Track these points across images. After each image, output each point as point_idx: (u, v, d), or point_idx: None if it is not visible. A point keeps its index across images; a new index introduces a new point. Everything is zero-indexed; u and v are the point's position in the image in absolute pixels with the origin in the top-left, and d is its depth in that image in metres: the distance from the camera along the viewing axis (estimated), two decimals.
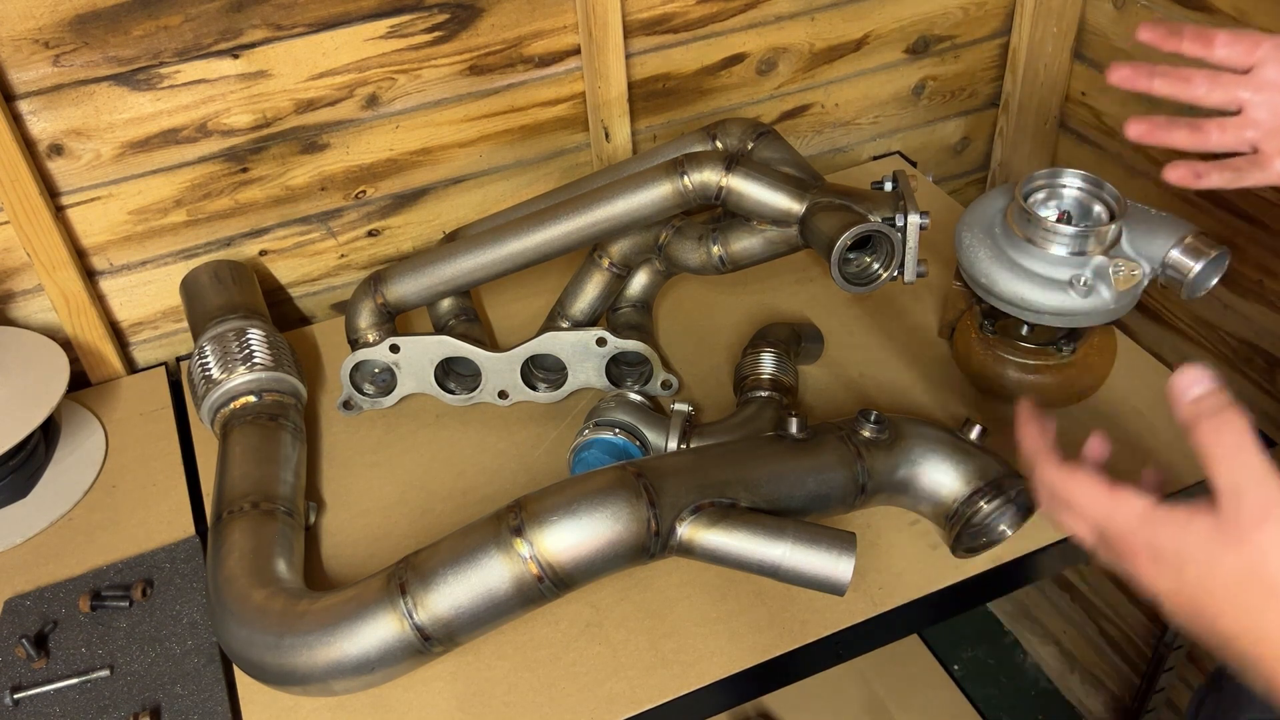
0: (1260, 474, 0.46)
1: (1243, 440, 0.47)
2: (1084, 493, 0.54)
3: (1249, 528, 0.46)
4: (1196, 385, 0.50)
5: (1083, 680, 1.62)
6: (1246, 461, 0.47)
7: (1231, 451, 0.47)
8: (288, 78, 1.05)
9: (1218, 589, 0.47)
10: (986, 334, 0.94)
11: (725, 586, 0.84)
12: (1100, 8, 1.25)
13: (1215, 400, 0.49)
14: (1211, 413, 0.49)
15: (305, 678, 0.72)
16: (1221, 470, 0.48)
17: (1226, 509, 0.47)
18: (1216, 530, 0.47)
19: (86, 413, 1.06)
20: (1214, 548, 0.47)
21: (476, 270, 0.94)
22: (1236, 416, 0.48)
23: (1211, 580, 0.48)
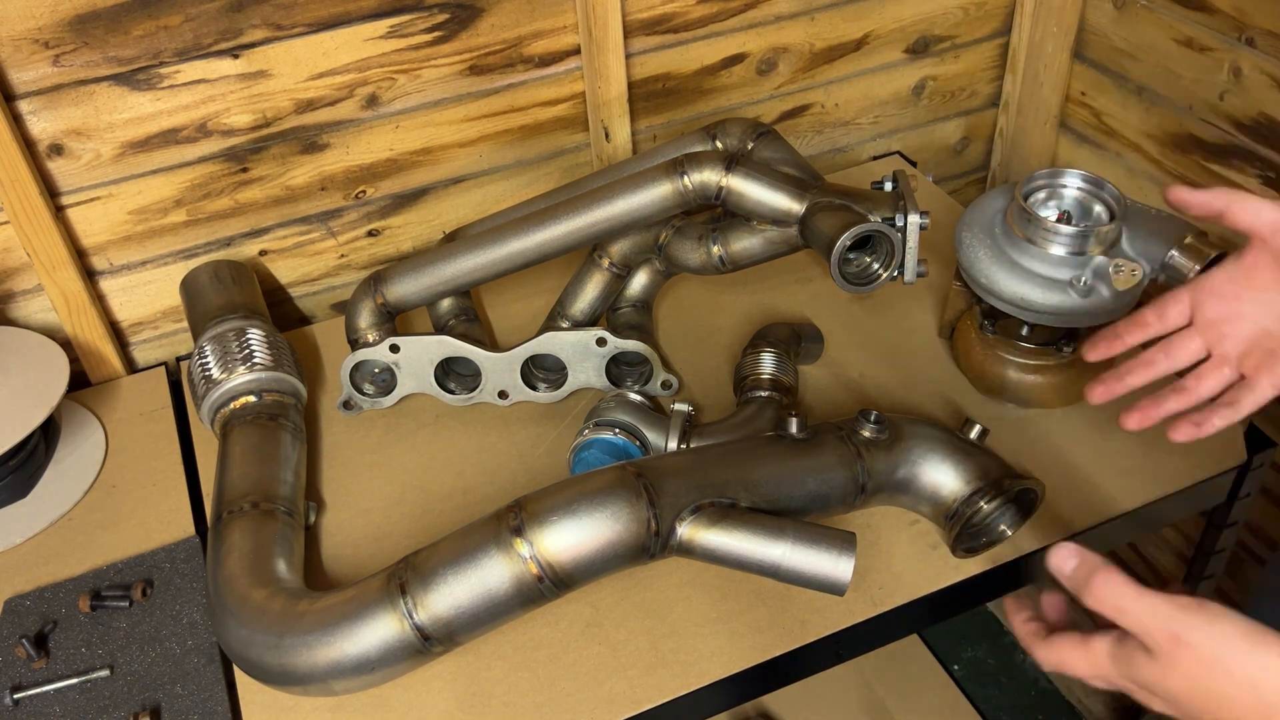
0: (1150, 610, 0.52)
1: (1121, 589, 0.53)
2: (1069, 658, 0.59)
3: (1170, 656, 0.52)
4: (1068, 560, 0.56)
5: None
6: (1133, 605, 0.53)
7: (1118, 603, 0.53)
8: (288, 78, 1.05)
9: (1186, 705, 0.53)
10: (986, 334, 0.94)
11: (725, 586, 0.84)
12: (1100, 8, 1.25)
13: (1085, 567, 0.55)
14: (1087, 577, 0.55)
15: (305, 678, 0.72)
16: (1124, 623, 0.54)
17: (1150, 647, 0.53)
18: (1154, 664, 0.53)
19: (86, 413, 1.06)
20: (1161, 681, 0.53)
21: (476, 270, 0.94)
22: (1108, 572, 0.54)
23: (1178, 701, 0.53)
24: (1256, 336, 0.68)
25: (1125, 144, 1.28)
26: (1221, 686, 0.51)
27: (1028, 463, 0.91)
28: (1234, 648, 0.51)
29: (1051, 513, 0.87)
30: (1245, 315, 0.68)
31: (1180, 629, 0.51)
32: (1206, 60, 1.13)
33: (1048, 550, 0.57)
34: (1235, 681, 0.50)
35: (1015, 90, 1.38)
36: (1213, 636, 0.51)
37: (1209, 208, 0.67)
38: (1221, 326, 0.69)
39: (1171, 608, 0.52)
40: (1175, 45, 1.16)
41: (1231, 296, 0.69)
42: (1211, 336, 0.70)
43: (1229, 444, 0.92)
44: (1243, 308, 0.68)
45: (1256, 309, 0.68)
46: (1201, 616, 0.51)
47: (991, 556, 0.85)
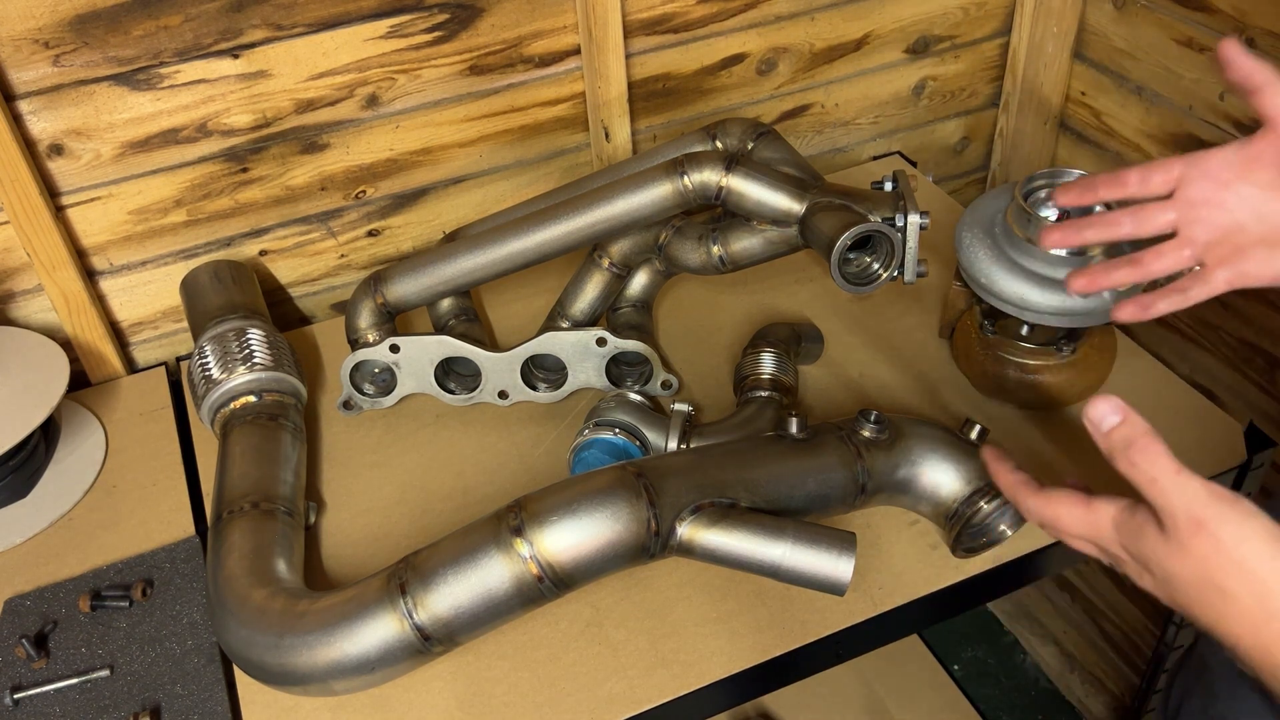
0: (1182, 490, 0.51)
1: (1161, 462, 0.51)
2: (1064, 514, 0.58)
3: (1187, 540, 0.51)
4: (1110, 416, 0.53)
5: (1083, 680, 1.62)
6: (1168, 482, 0.51)
7: (1154, 475, 0.51)
8: (288, 78, 1.05)
9: (1181, 591, 0.52)
10: (986, 334, 0.94)
11: (725, 586, 0.84)
12: (1100, 8, 1.25)
13: (1129, 429, 0.52)
14: (1127, 442, 0.52)
15: (305, 678, 0.72)
16: (1151, 494, 0.52)
17: (1166, 526, 0.51)
18: (1166, 542, 0.52)
19: (86, 413, 1.06)
20: (1167, 560, 0.52)
21: (476, 270, 0.94)
22: (1151, 441, 0.52)
23: (1174, 584, 0.52)
24: (1229, 229, 0.66)
25: (1125, 144, 1.28)
26: (1228, 582, 0.50)
27: (1028, 463, 0.91)
28: (1254, 547, 0.49)
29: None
30: (1226, 205, 0.66)
31: (1208, 515, 0.50)
32: (1206, 60, 1.13)
33: (1090, 403, 0.53)
34: (1244, 580, 0.49)
35: (1015, 90, 1.38)
36: (1237, 533, 0.50)
37: (1249, 78, 0.63)
38: (1199, 209, 0.67)
39: (1206, 493, 0.50)
40: (1175, 45, 1.16)
41: (1221, 183, 0.66)
42: (1186, 216, 0.67)
43: (1229, 444, 0.92)
44: (1227, 196, 0.66)
45: (1239, 201, 0.65)
46: (1234, 510, 0.50)
47: (991, 556, 0.85)
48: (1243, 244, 0.65)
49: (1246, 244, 0.65)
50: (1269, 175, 0.64)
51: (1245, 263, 0.66)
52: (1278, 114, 0.63)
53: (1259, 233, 0.65)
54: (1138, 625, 1.46)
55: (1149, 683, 1.26)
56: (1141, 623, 1.45)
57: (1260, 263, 0.65)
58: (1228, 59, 0.64)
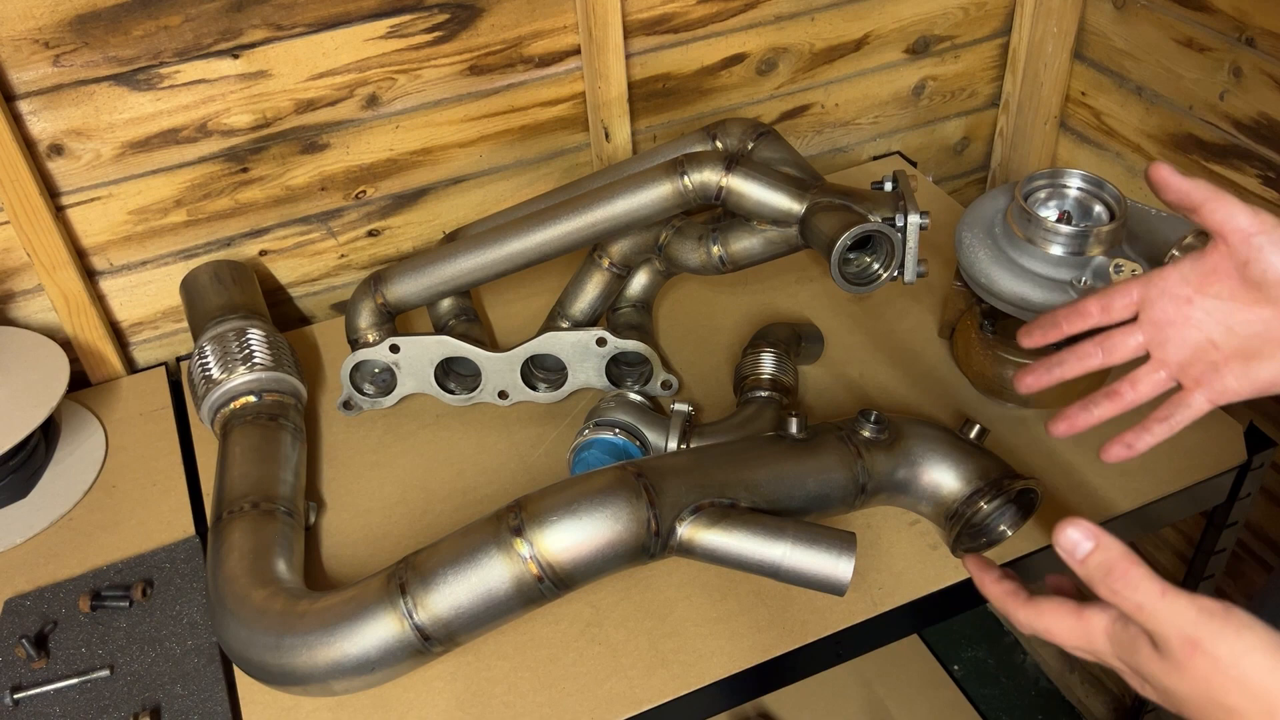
0: (1171, 612, 0.50)
1: (1144, 586, 0.50)
2: (1055, 625, 0.56)
3: (1184, 661, 0.49)
4: (1083, 543, 0.52)
5: (1083, 680, 1.62)
6: (1155, 605, 0.50)
7: (1139, 601, 0.51)
8: (288, 78, 1.05)
9: (1185, 708, 0.51)
10: (986, 334, 0.94)
11: (725, 586, 0.84)
12: (1100, 8, 1.25)
13: (1104, 555, 0.52)
14: (1105, 570, 0.51)
15: (305, 678, 0.72)
16: (1140, 619, 0.51)
17: (1161, 646, 0.50)
18: (1162, 661, 0.51)
19: (86, 413, 1.06)
20: (1165, 678, 0.51)
21: (476, 270, 0.94)
22: (1130, 565, 0.51)
23: (1176, 701, 0.51)
24: (1201, 346, 0.64)
25: (1125, 144, 1.28)
26: (1231, 699, 0.49)
27: (1028, 463, 0.92)
28: (1254, 662, 0.48)
29: (1051, 513, 0.87)
30: (1193, 321, 0.64)
31: (1201, 635, 0.49)
32: (1206, 60, 1.13)
33: (1055, 528, 0.53)
34: (1248, 697, 0.49)
35: (1015, 90, 1.38)
36: (1234, 649, 0.49)
37: (1187, 198, 0.62)
38: (1166, 329, 0.65)
39: (1196, 612, 0.49)
40: (1175, 45, 1.16)
41: (1183, 299, 0.65)
42: (1155, 338, 0.66)
43: (1229, 444, 0.92)
44: (1192, 313, 0.64)
45: (1205, 317, 0.64)
46: (1226, 625, 0.49)
47: (991, 557, 0.85)
48: (1217, 361, 0.64)
49: (1220, 360, 0.64)
50: (1228, 286, 0.63)
51: (1222, 379, 0.64)
52: (1223, 226, 0.62)
53: (1231, 347, 0.63)
54: None
55: None
56: None
57: (1238, 378, 0.63)
58: (1162, 182, 0.63)
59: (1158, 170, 0.63)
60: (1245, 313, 0.63)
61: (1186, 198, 0.63)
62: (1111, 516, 0.87)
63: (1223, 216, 0.62)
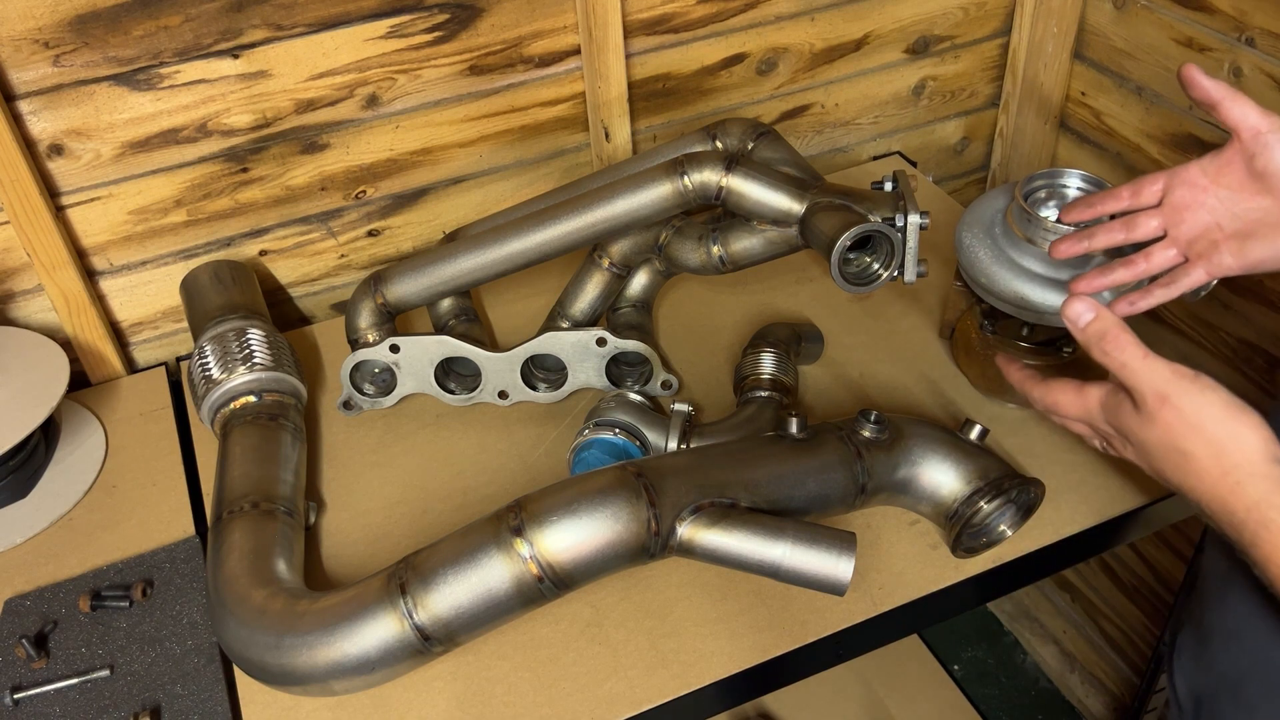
0: (1149, 370, 0.62)
1: (1130, 349, 0.62)
2: (1061, 399, 0.70)
3: (1154, 412, 0.62)
4: (1085, 313, 0.65)
5: (1083, 680, 1.62)
6: (1137, 365, 0.62)
7: (1124, 360, 0.63)
8: (288, 78, 1.05)
9: (1153, 456, 0.63)
10: (986, 334, 0.94)
11: (725, 586, 0.84)
12: (1100, 8, 1.25)
13: (1100, 323, 0.64)
14: (1100, 334, 0.64)
15: (305, 678, 0.72)
16: (1123, 377, 0.63)
17: (1138, 401, 0.63)
18: (1138, 415, 0.63)
19: (86, 413, 1.06)
20: (1140, 430, 0.63)
21: (476, 270, 0.94)
22: (1120, 331, 0.63)
23: (1147, 450, 0.63)
24: (1208, 227, 0.74)
25: (1125, 144, 1.28)
26: (1188, 445, 0.60)
27: (1028, 463, 0.91)
28: (1210, 413, 0.60)
29: (1051, 513, 0.87)
30: (1205, 206, 0.74)
31: (1170, 390, 0.61)
32: (1206, 60, 1.13)
33: (1065, 302, 0.65)
34: (1203, 442, 0.59)
35: (1015, 90, 1.38)
36: (1196, 403, 0.60)
37: (1208, 95, 0.72)
38: (1182, 212, 0.75)
39: (1169, 372, 0.61)
40: (1175, 45, 1.16)
41: (1200, 188, 0.74)
42: (1171, 219, 0.76)
43: None
44: (1205, 199, 0.74)
45: (1216, 203, 0.74)
46: (1193, 385, 0.60)
47: (991, 556, 0.85)
48: (1218, 239, 0.74)
49: (1221, 239, 0.74)
50: (1238, 178, 0.73)
51: (1220, 255, 0.74)
52: (1238, 123, 0.71)
53: (1232, 228, 0.73)
54: (1138, 625, 1.46)
55: (1149, 683, 1.26)
56: (1141, 623, 1.45)
57: (1233, 254, 0.73)
58: (1189, 79, 0.73)
59: (1188, 69, 0.72)
60: (1249, 201, 0.72)
61: (1207, 95, 0.72)
62: (1112, 516, 0.87)
63: (1239, 114, 0.71)
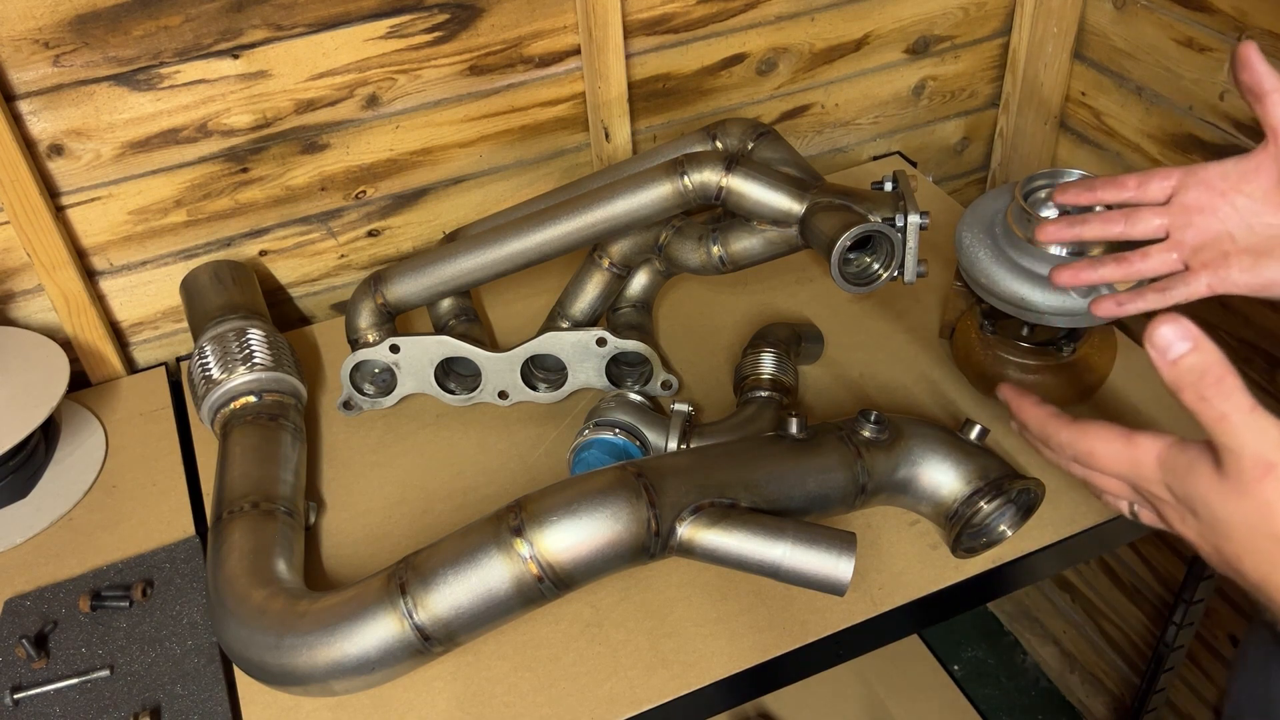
0: (1256, 429, 0.47)
1: (1235, 398, 0.47)
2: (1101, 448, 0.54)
3: (1251, 483, 0.47)
4: (1178, 343, 0.47)
5: (1083, 680, 1.62)
6: (1241, 419, 0.47)
7: (1225, 411, 0.47)
8: (288, 78, 1.05)
9: (1234, 537, 0.49)
10: (986, 334, 0.94)
11: (725, 586, 0.84)
12: (1100, 8, 1.25)
13: (1200, 358, 0.47)
14: (1198, 373, 0.47)
15: (305, 678, 0.72)
16: (1217, 430, 0.48)
17: (1229, 465, 0.48)
18: (1223, 482, 0.48)
19: (86, 413, 1.06)
20: (1221, 501, 0.48)
21: (476, 270, 0.94)
22: (1226, 373, 0.47)
23: (1224, 529, 0.49)
24: (1219, 236, 0.67)
25: (1125, 144, 1.28)
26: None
27: (1028, 463, 0.91)
28: None
29: (1051, 513, 0.87)
30: (1219, 213, 0.67)
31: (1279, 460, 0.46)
32: (1206, 60, 1.13)
33: (1152, 321, 0.48)
34: None
35: (1015, 90, 1.38)
36: None
37: (1258, 83, 0.63)
38: (1193, 215, 0.67)
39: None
40: (1175, 45, 1.16)
41: (1218, 192, 0.67)
42: (1178, 221, 0.68)
43: None
44: (1221, 205, 0.66)
45: (1232, 211, 0.66)
46: None
47: (991, 557, 0.85)
48: (1229, 251, 0.66)
49: (1233, 251, 0.66)
50: (1263, 187, 0.65)
51: (1228, 269, 0.66)
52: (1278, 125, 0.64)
53: (1246, 242, 0.65)
54: (1138, 625, 1.46)
55: (1149, 683, 1.26)
56: (1141, 623, 1.45)
57: (1243, 270, 0.66)
58: (1244, 59, 0.64)
59: (1246, 48, 0.64)
60: (1271, 215, 0.64)
61: (1258, 82, 0.63)
62: (1112, 517, 0.87)
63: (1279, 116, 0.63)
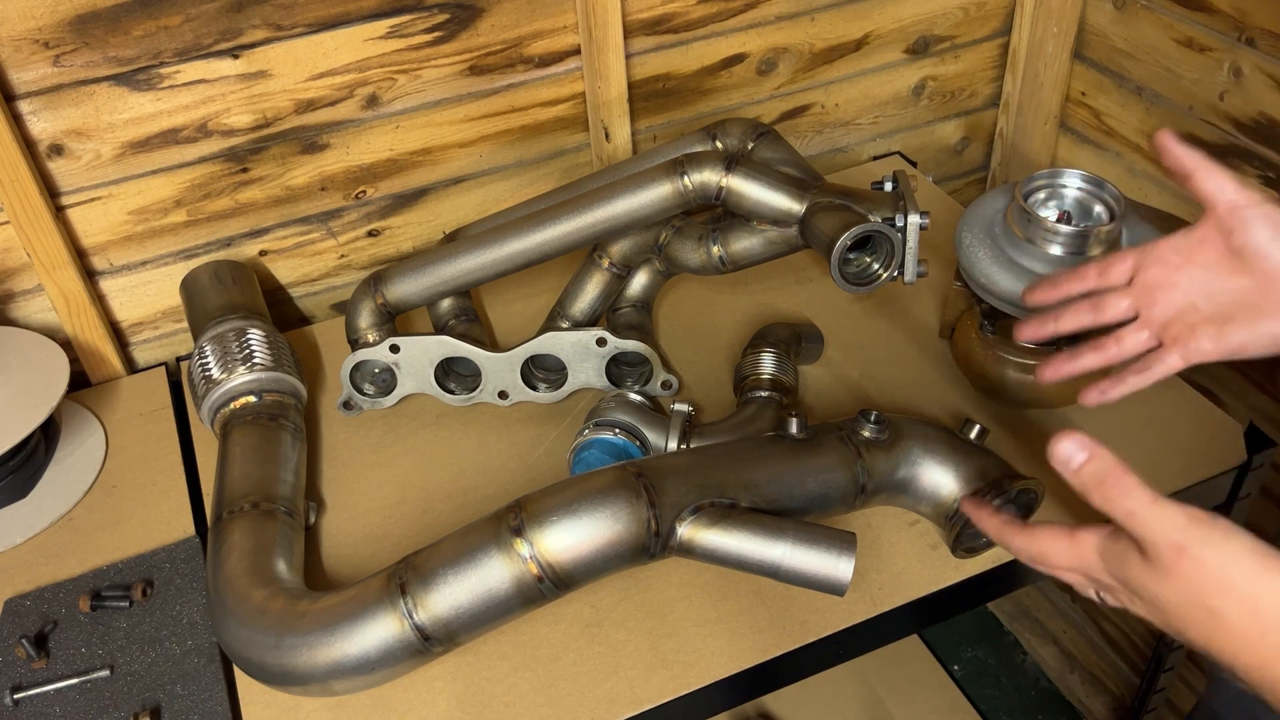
0: (1160, 518, 0.52)
1: (1135, 494, 0.53)
2: (1050, 548, 0.60)
3: (1170, 566, 0.52)
4: (1077, 454, 0.55)
5: (1083, 680, 1.62)
6: (1145, 513, 0.53)
7: (1130, 508, 0.53)
8: (288, 78, 1.05)
9: (1171, 615, 0.54)
10: (986, 334, 0.94)
11: (725, 586, 0.84)
12: (1100, 8, 1.25)
13: (1097, 465, 0.55)
14: (1099, 479, 0.54)
15: (305, 678, 0.72)
16: (1130, 526, 0.54)
17: (1149, 552, 0.53)
18: (1150, 568, 0.54)
19: (86, 413, 1.06)
20: (1152, 585, 0.54)
21: (476, 270, 0.94)
22: (1122, 474, 0.54)
23: (1163, 609, 0.54)
24: (1183, 309, 0.69)
25: (1125, 144, 1.28)
26: (1217, 603, 0.51)
27: (1028, 463, 0.91)
28: (1239, 567, 0.51)
29: (1051, 513, 0.87)
30: (1179, 286, 0.69)
31: (1188, 540, 0.51)
32: (1206, 60, 1.13)
33: (1051, 441, 0.55)
34: (1234, 600, 0.51)
35: (1015, 90, 1.38)
36: (1220, 554, 0.51)
37: (1180, 165, 0.67)
38: (1155, 292, 0.70)
39: (1185, 519, 0.52)
40: (1175, 45, 1.16)
41: (1173, 266, 0.69)
42: (1143, 300, 0.71)
43: (1229, 444, 0.92)
44: (1179, 279, 0.69)
45: (1190, 283, 0.69)
46: (1213, 532, 0.51)
47: (991, 556, 0.85)
48: (1195, 323, 0.69)
49: (1198, 322, 0.68)
50: (1213, 255, 0.68)
51: (1197, 340, 0.69)
52: (1213, 196, 0.66)
53: (1209, 310, 0.68)
54: (1138, 625, 1.46)
55: (1149, 683, 1.26)
56: (1141, 623, 1.45)
57: (1211, 339, 0.68)
58: (1162, 147, 0.68)
59: (1161, 136, 0.68)
60: (1225, 281, 0.67)
61: (1180, 164, 0.67)
62: None
63: (1213, 187, 0.66)
